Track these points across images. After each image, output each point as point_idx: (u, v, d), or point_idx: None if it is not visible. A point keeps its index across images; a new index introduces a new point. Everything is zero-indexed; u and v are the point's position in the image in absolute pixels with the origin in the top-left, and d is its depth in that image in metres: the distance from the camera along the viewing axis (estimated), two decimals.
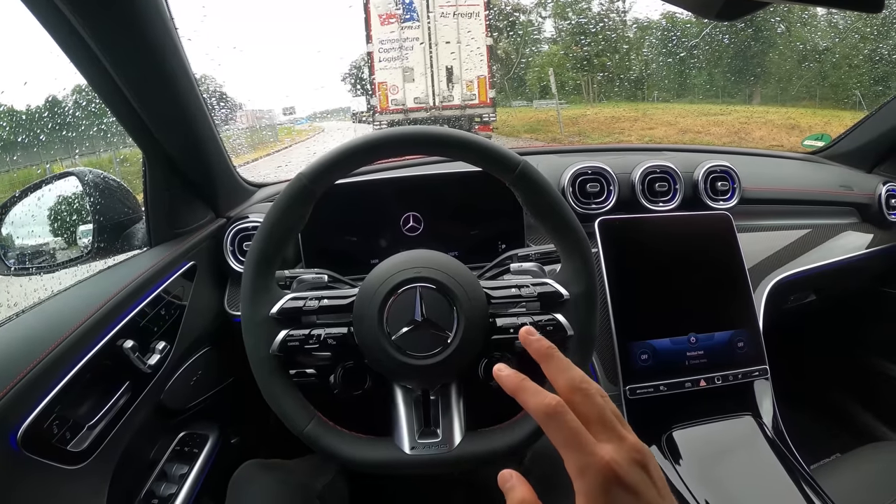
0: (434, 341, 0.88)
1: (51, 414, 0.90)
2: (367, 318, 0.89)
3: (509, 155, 0.92)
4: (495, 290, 0.96)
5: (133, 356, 1.06)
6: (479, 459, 0.93)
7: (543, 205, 0.93)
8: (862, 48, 9.26)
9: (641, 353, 1.39)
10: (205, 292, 1.36)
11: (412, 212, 1.42)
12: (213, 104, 1.27)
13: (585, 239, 0.95)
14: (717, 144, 8.99)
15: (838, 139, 2.13)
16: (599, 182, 1.59)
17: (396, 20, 10.26)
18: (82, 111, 1.53)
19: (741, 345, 1.45)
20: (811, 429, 2.12)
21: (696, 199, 1.63)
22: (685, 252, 1.49)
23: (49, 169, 1.72)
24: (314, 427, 0.92)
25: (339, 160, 0.91)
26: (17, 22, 0.91)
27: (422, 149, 0.95)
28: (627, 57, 14.59)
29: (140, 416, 1.12)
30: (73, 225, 1.35)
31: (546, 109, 12.90)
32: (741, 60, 12.54)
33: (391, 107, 10.41)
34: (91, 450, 0.98)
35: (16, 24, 0.95)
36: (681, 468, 1.28)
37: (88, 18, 0.87)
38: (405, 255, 0.95)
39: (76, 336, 0.97)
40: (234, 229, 1.41)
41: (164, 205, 1.28)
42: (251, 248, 0.92)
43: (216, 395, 1.42)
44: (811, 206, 1.87)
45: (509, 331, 0.94)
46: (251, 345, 0.92)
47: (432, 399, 0.97)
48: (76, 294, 1.11)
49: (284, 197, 0.91)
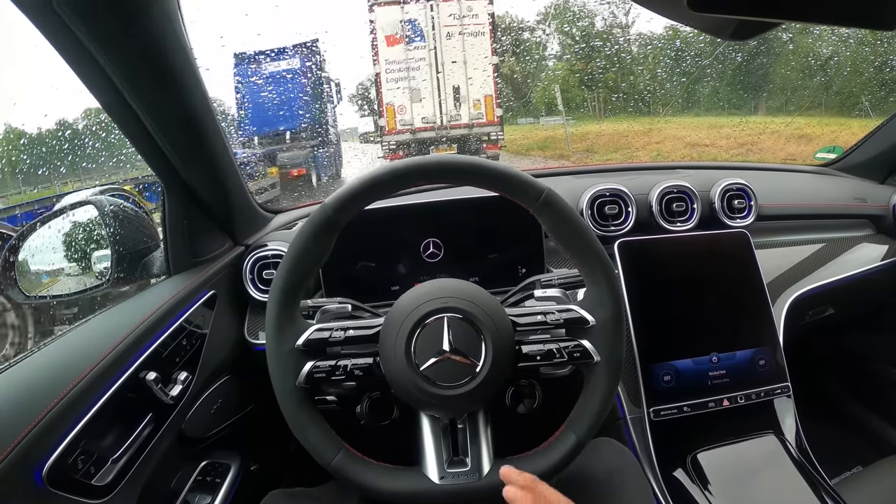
0: (463, 371, 0.88)
1: (75, 449, 0.90)
2: (395, 349, 0.88)
3: (533, 182, 0.92)
4: (521, 317, 0.95)
5: (156, 388, 1.06)
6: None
7: (568, 231, 0.93)
8: (867, 55, 9.27)
9: (664, 375, 1.38)
10: (225, 321, 1.36)
11: (432, 238, 1.42)
12: (231, 132, 1.28)
13: (610, 264, 0.94)
14: (724, 157, 8.98)
15: (850, 150, 2.12)
16: (617, 204, 1.59)
17: (402, 42, 10.32)
18: (102, 142, 1.54)
19: (763, 363, 1.44)
20: (832, 442, 2.11)
21: (713, 218, 1.63)
22: (704, 271, 1.48)
23: (60, 190, 1.73)
24: (342, 459, 0.91)
25: (363, 190, 0.91)
26: (37, 53, 0.92)
27: (445, 178, 0.95)
28: (633, 72, 14.62)
29: (162, 447, 1.11)
30: (92, 253, 1.35)
31: (553, 126, 12.93)
32: (746, 72, 12.57)
33: (399, 127, 10.45)
34: (115, 483, 0.97)
35: (36, 56, 0.96)
36: (708, 492, 1.27)
37: (109, 50, 0.88)
38: (431, 285, 0.94)
39: (99, 370, 0.97)
40: (253, 257, 1.41)
41: (182, 233, 1.28)
42: (275, 279, 0.92)
43: (236, 422, 1.41)
44: (826, 219, 1.87)
45: (536, 358, 0.93)
46: (277, 377, 0.92)
47: (460, 427, 0.96)
48: (98, 326, 1.11)
49: (309, 227, 0.91)
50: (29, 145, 1.78)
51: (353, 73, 21.73)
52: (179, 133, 1.11)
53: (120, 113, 1.02)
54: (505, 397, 1.08)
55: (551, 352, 0.92)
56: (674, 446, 1.36)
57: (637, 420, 1.38)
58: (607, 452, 1.20)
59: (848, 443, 2.15)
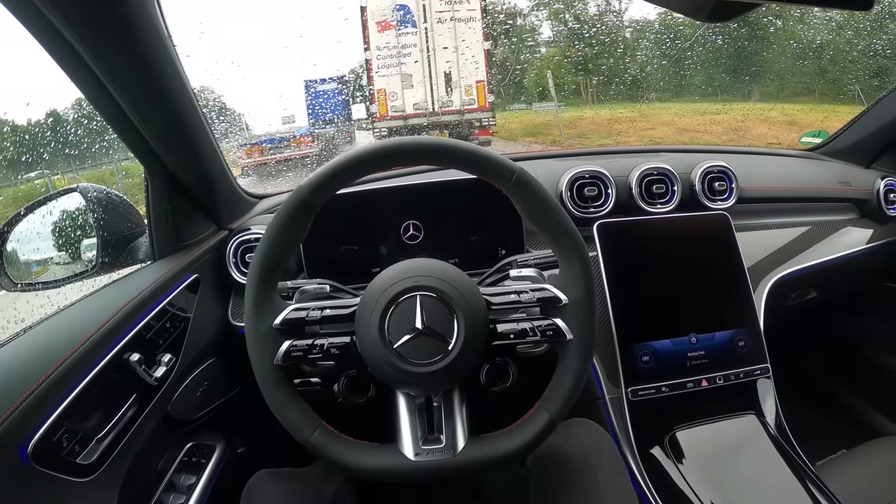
0: (435, 349, 0.89)
1: (60, 427, 0.91)
2: (369, 327, 0.90)
3: (505, 163, 0.93)
4: (495, 296, 0.96)
5: (139, 369, 1.07)
6: (482, 465, 0.94)
7: (540, 211, 0.94)
8: (857, 43, 9.25)
9: (643, 355, 1.40)
10: (209, 304, 1.38)
11: (412, 220, 1.43)
12: (213, 118, 1.29)
13: (582, 244, 0.95)
14: (716, 143, 8.97)
15: (836, 135, 2.13)
16: (597, 186, 1.60)
17: (393, 27, 10.27)
18: (84, 129, 1.54)
19: (742, 344, 1.46)
20: (815, 425, 2.12)
21: (694, 200, 1.64)
22: (684, 253, 1.50)
23: (52, 184, 1.73)
24: (319, 436, 0.92)
25: (338, 172, 0.92)
26: (18, 43, 0.93)
27: (419, 159, 0.96)
28: (625, 58, 14.55)
29: (147, 428, 1.13)
30: (78, 240, 1.36)
31: (545, 112, 12.86)
32: (738, 58, 12.52)
33: (390, 113, 10.40)
34: (100, 462, 0.99)
35: (17, 46, 0.96)
36: (684, 468, 1.28)
37: (86, 38, 0.89)
38: (405, 265, 0.96)
39: (83, 350, 0.98)
40: (236, 241, 1.42)
41: (166, 218, 1.29)
42: (253, 261, 0.93)
43: (223, 405, 1.43)
44: (810, 203, 1.88)
45: (510, 336, 0.94)
46: (255, 356, 0.93)
47: (435, 405, 0.98)
48: (82, 309, 1.12)
49: (285, 210, 0.92)
50: (12, 133, 1.77)
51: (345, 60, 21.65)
52: (159, 119, 1.12)
53: (100, 100, 1.03)
54: (480, 376, 1.09)
55: (525, 330, 0.94)
56: (653, 426, 1.37)
57: (616, 400, 1.40)
58: (583, 433, 1.22)
59: (832, 426, 2.17)
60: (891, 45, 6.92)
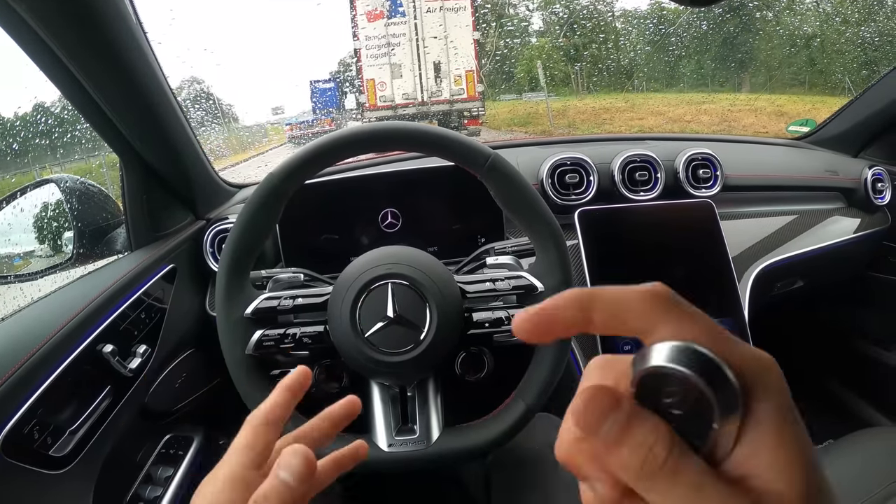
0: (407, 338, 0.88)
1: (31, 419, 0.90)
2: (341, 315, 0.89)
3: (479, 147, 0.92)
4: (470, 284, 0.96)
5: (113, 360, 1.06)
6: (457, 455, 0.94)
7: (515, 197, 0.93)
8: (844, 32, 9.28)
9: (624, 345, 1.39)
10: (186, 295, 1.36)
11: (390, 207, 1.42)
12: (188, 106, 1.27)
13: (559, 231, 0.94)
14: (705, 132, 9.01)
15: (823, 124, 2.13)
16: (578, 173, 1.58)
17: (382, 17, 10.25)
18: (55, 119, 1.53)
19: None
20: (802, 416, 2.12)
21: (678, 188, 1.63)
22: (667, 241, 1.49)
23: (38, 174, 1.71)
24: (292, 426, 0.92)
25: (309, 158, 0.91)
26: None
27: (392, 145, 0.95)
28: (615, 47, 14.57)
29: (124, 420, 1.12)
30: (54, 232, 1.34)
31: (535, 102, 12.88)
32: (729, 48, 12.55)
33: (380, 103, 10.40)
34: (74, 454, 0.98)
35: None
36: None
37: (53, 26, 0.87)
38: (378, 252, 0.95)
39: (55, 341, 0.97)
40: (213, 231, 1.41)
41: (142, 209, 1.28)
42: (224, 249, 0.92)
43: (203, 396, 1.42)
44: (796, 191, 1.87)
45: (485, 325, 0.94)
46: (227, 345, 0.92)
47: (409, 395, 0.97)
48: (56, 300, 1.11)
49: (255, 197, 0.91)
50: None
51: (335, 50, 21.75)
52: (131, 109, 1.11)
53: (70, 90, 1.02)
54: (455, 365, 1.09)
55: (500, 319, 0.93)
56: None
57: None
58: (544, 427, 1.21)
59: (819, 416, 2.16)
60: (879, 35, 6.95)
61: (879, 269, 2.01)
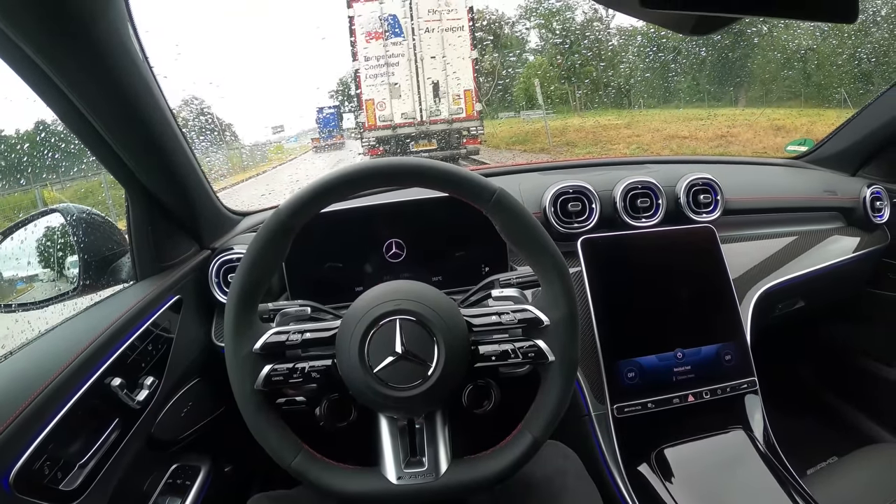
0: (415, 373, 0.88)
1: (42, 454, 0.90)
2: (349, 351, 0.89)
3: (484, 183, 0.93)
4: (476, 317, 0.96)
5: (121, 393, 1.06)
6: (465, 487, 0.94)
7: (520, 231, 0.94)
8: (842, 50, 9.33)
9: (628, 371, 1.39)
10: (192, 325, 1.36)
11: (394, 238, 1.42)
12: (194, 138, 1.28)
13: (563, 264, 0.95)
14: (703, 149, 9.03)
15: (821, 143, 2.14)
16: (581, 200, 1.59)
17: (381, 37, 10.31)
18: (62, 153, 1.54)
19: (728, 358, 1.45)
20: (807, 433, 2.12)
21: (679, 214, 1.64)
22: (669, 267, 1.49)
23: (40, 194, 1.72)
24: (301, 460, 0.92)
25: (317, 195, 0.91)
26: None
27: (397, 181, 0.95)
28: (612, 65, 14.63)
29: (131, 451, 1.12)
30: (59, 262, 1.35)
31: (533, 120, 12.93)
32: (725, 64, 12.61)
33: (379, 123, 10.44)
34: (83, 488, 0.98)
35: None
36: (672, 486, 1.28)
37: (58, 64, 0.88)
38: (384, 287, 0.95)
39: (64, 376, 0.97)
40: (218, 261, 1.41)
41: (147, 239, 1.28)
42: (233, 284, 0.93)
43: (208, 425, 1.42)
44: (796, 212, 1.87)
45: (491, 358, 0.94)
46: (236, 381, 0.92)
47: (417, 427, 0.97)
48: (64, 333, 1.11)
49: (264, 233, 0.91)
50: None
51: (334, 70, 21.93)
52: (136, 142, 1.11)
53: (75, 123, 1.02)
54: (462, 397, 1.09)
55: (507, 352, 0.93)
56: (639, 442, 1.37)
57: (601, 417, 1.39)
58: (550, 455, 1.22)
59: (823, 434, 2.17)
60: (875, 52, 7.00)
61: (880, 286, 2.02)
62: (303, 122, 15.03)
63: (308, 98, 25.85)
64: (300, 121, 15.63)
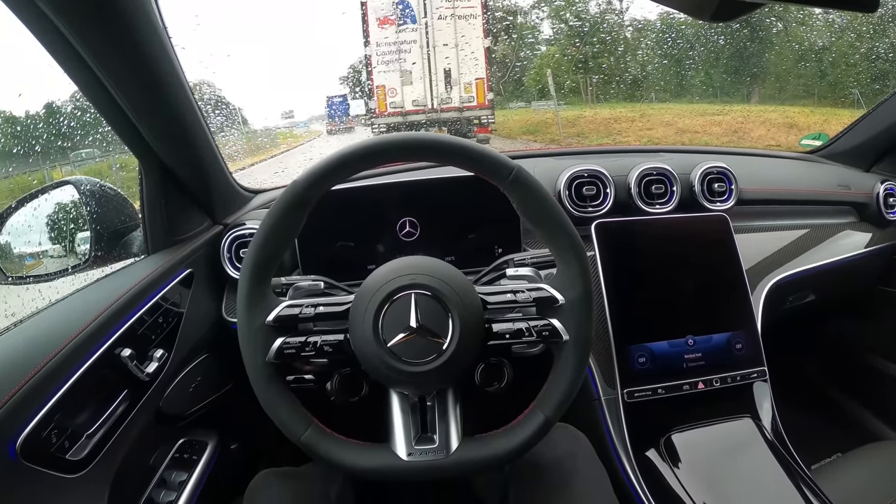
0: (429, 348, 0.88)
1: (49, 423, 0.90)
2: (363, 325, 0.89)
3: (503, 160, 0.92)
4: (491, 295, 0.95)
5: (131, 364, 1.06)
6: (475, 465, 0.93)
7: (538, 210, 0.93)
8: (859, 46, 9.25)
9: (639, 356, 1.39)
10: (202, 299, 1.36)
11: (408, 217, 1.42)
12: (209, 111, 1.27)
13: (580, 243, 0.94)
14: (715, 144, 9.00)
15: (836, 138, 2.13)
16: (595, 185, 1.59)
17: (394, 23, 10.27)
18: (78, 121, 1.53)
19: (739, 346, 1.45)
20: (812, 429, 2.12)
21: (693, 201, 1.63)
22: (682, 254, 1.49)
23: (49, 175, 1.72)
24: (311, 434, 0.91)
25: (335, 167, 0.91)
26: (11, 34, 0.92)
27: (416, 155, 0.94)
28: (625, 58, 14.55)
29: (139, 424, 1.12)
30: (71, 234, 1.35)
31: (544, 111, 12.87)
32: (739, 60, 12.53)
33: (389, 110, 10.41)
34: (90, 458, 0.98)
35: (10, 37, 0.95)
36: (680, 471, 1.28)
37: (80, 30, 0.88)
38: (400, 262, 0.94)
39: (74, 345, 0.97)
40: (230, 236, 1.41)
41: (160, 213, 1.28)
42: (247, 256, 0.92)
43: (215, 401, 1.42)
44: (809, 205, 1.87)
45: (505, 336, 0.93)
46: (248, 353, 0.92)
47: (429, 405, 0.97)
48: (74, 303, 1.11)
49: (280, 204, 0.91)
50: (4, 124, 1.75)
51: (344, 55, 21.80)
52: (155, 113, 1.11)
53: (94, 93, 1.02)
54: (475, 375, 1.08)
55: (521, 330, 0.93)
56: (648, 428, 1.37)
57: (611, 401, 1.39)
58: (561, 438, 1.21)
59: (828, 429, 2.16)
60: (892, 49, 6.93)
61: (891, 283, 2.01)
62: (312, 107, 14.98)
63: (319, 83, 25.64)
64: (310, 106, 15.57)
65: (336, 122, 14.60)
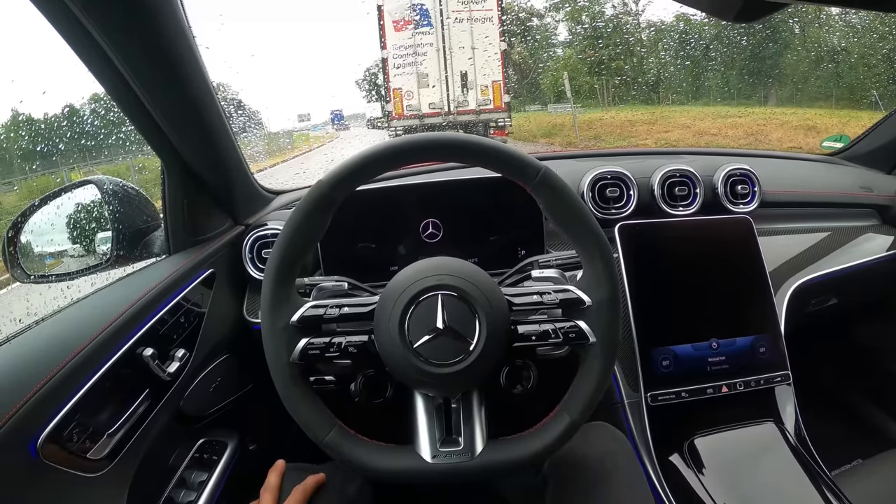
0: (456, 349, 0.87)
1: (70, 422, 0.90)
2: (389, 326, 0.88)
3: (530, 161, 0.91)
4: (517, 296, 0.94)
5: (152, 364, 1.06)
6: (500, 468, 0.92)
7: (565, 211, 0.92)
8: (880, 48, 9.20)
9: (663, 359, 1.38)
10: (224, 300, 1.37)
11: (431, 218, 1.42)
12: (232, 112, 1.27)
13: (607, 245, 0.93)
14: (733, 146, 8.97)
15: (857, 140, 2.11)
16: (619, 187, 1.58)
17: (411, 26, 10.30)
18: (101, 120, 1.54)
19: (763, 350, 1.43)
20: (832, 434, 2.10)
21: (716, 203, 1.62)
22: (705, 256, 1.48)
23: (68, 177, 1.72)
24: (334, 436, 0.91)
25: (360, 167, 0.90)
26: (37, 32, 0.92)
27: (443, 155, 0.94)
28: (642, 60, 14.54)
29: (159, 424, 1.12)
30: (93, 233, 1.35)
31: (561, 114, 12.88)
32: (757, 62, 12.49)
33: (406, 112, 10.45)
34: (110, 457, 0.98)
35: (36, 35, 0.95)
36: (704, 476, 1.27)
37: (107, 28, 0.88)
38: (426, 263, 0.94)
39: (96, 344, 0.97)
40: (252, 237, 1.41)
41: (182, 213, 1.28)
42: (271, 255, 0.92)
43: (235, 402, 1.42)
44: (831, 208, 1.85)
45: (531, 338, 0.92)
46: (272, 353, 0.91)
47: (454, 407, 0.96)
48: (96, 302, 1.11)
49: (305, 204, 0.90)
50: (27, 123, 1.77)
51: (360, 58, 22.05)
52: (178, 113, 1.11)
53: (119, 92, 1.02)
54: (500, 377, 1.07)
55: (547, 332, 0.92)
56: (671, 431, 1.36)
57: (635, 405, 1.38)
58: (601, 436, 1.20)
59: (848, 435, 2.14)
60: None
61: None
62: (328, 111, 15.69)
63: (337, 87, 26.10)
64: (326, 109, 16.46)
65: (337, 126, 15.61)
